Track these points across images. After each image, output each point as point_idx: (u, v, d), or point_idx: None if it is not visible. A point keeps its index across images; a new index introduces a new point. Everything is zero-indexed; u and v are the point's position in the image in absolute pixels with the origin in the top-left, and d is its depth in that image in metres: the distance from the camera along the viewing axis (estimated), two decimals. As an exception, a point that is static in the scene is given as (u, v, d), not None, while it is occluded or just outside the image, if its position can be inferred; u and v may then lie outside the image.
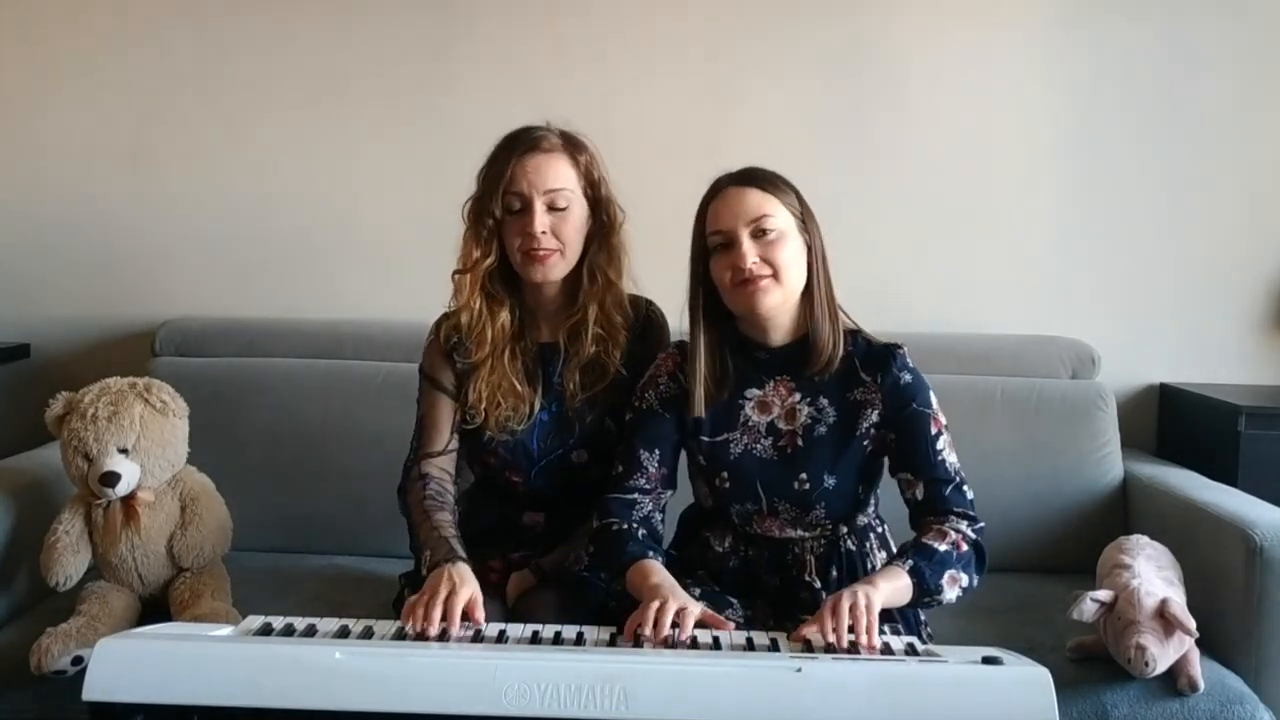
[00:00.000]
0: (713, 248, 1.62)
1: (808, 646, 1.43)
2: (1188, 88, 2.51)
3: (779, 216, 1.60)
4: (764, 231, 1.58)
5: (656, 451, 1.68)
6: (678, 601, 1.44)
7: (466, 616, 1.47)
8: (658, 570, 1.56)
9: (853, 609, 1.42)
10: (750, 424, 1.67)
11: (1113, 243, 2.55)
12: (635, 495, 1.66)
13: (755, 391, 1.68)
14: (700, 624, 1.44)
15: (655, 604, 1.44)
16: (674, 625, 1.42)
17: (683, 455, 1.74)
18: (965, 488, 1.64)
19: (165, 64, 2.57)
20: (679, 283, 1.68)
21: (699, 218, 1.65)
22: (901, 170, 2.55)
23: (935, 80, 2.54)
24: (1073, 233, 2.55)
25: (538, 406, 1.74)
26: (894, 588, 1.50)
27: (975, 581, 1.59)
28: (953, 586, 1.56)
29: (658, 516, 1.68)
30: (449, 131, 2.54)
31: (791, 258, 1.60)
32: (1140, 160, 2.53)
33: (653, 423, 1.69)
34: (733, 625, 1.48)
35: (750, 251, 1.57)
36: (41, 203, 2.60)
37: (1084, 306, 2.54)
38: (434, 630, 1.44)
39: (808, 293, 1.64)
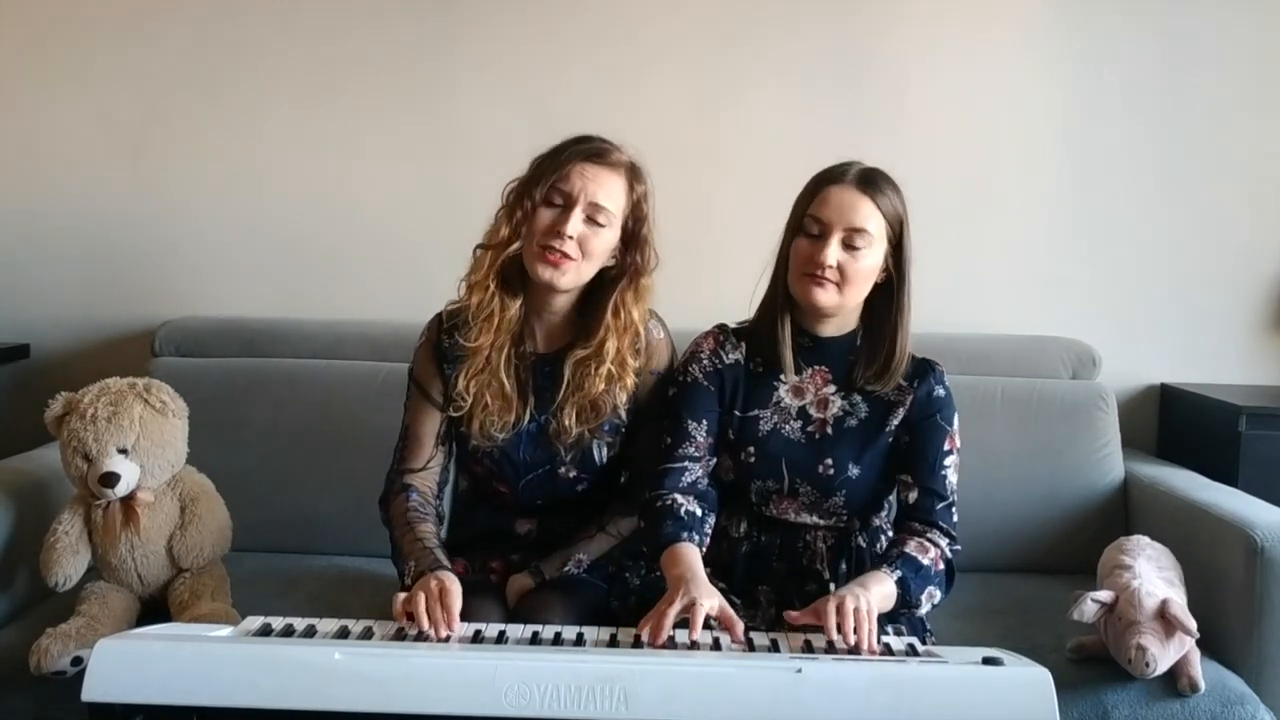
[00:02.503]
0: (805, 228, 1.65)
1: (808, 647, 1.43)
2: (1188, 88, 2.51)
3: (875, 234, 1.63)
4: (854, 247, 1.62)
5: (704, 422, 1.70)
6: (687, 598, 1.43)
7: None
8: (684, 559, 1.54)
9: (855, 611, 1.43)
10: (782, 405, 1.71)
11: (1112, 243, 2.55)
12: (686, 463, 1.68)
13: (792, 376, 1.71)
14: (707, 623, 1.43)
15: (664, 608, 1.43)
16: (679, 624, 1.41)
17: None
18: (954, 510, 1.69)
19: (165, 63, 2.56)
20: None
21: (807, 193, 1.67)
22: (901, 170, 2.53)
23: (935, 80, 2.53)
24: (1072, 233, 2.55)
25: (526, 419, 1.71)
26: (883, 594, 1.53)
27: (942, 599, 1.64)
28: (928, 601, 1.61)
29: (705, 482, 1.70)
30: (449, 132, 2.54)
31: (865, 273, 1.64)
32: (1140, 160, 2.53)
33: (698, 394, 1.71)
34: (743, 626, 1.47)
35: (833, 254, 1.61)
36: (41, 202, 2.59)
37: (1084, 306, 2.54)
38: (442, 631, 1.43)
39: (883, 313, 1.68)
